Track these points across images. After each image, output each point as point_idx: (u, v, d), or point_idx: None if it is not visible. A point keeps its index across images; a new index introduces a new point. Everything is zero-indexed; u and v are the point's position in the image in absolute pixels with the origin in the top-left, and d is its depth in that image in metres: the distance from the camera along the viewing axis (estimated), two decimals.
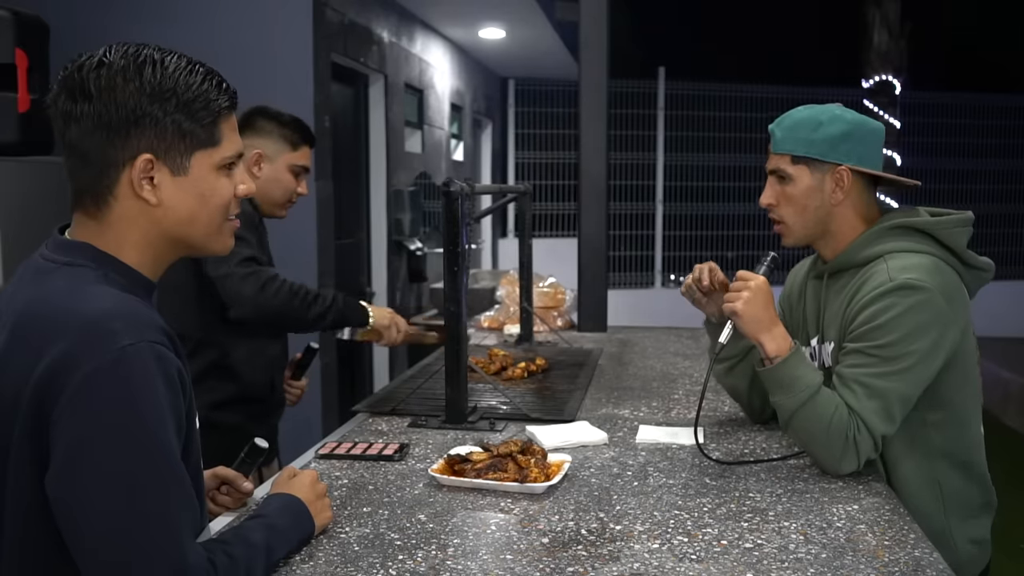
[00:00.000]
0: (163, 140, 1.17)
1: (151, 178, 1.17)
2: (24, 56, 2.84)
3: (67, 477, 1.07)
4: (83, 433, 1.06)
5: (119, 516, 1.06)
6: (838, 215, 1.82)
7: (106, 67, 1.14)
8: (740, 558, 1.36)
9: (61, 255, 1.19)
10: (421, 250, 5.71)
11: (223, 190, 1.23)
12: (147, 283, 1.23)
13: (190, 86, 1.17)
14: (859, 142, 1.80)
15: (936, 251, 1.75)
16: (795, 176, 1.81)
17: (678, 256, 9.69)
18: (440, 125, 6.72)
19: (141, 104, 1.15)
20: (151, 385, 1.09)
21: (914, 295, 1.66)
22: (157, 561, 1.07)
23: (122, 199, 1.18)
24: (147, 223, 1.19)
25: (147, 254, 1.21)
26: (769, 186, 1.86)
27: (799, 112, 1.84)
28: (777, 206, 1.85)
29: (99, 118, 1.14)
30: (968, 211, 1.82)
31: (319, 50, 4.01)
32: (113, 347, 1.07)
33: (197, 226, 1.22)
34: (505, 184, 8.42)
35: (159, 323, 1.15)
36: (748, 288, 1.74)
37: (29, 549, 1.13)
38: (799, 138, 1.80)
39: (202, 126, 1.19)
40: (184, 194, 1.20)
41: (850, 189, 1.80)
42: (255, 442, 1.59)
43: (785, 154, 1.81)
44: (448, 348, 2.06)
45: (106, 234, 1.19)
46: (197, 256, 1.32)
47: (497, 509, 1.56)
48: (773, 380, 1.72)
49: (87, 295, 1.13)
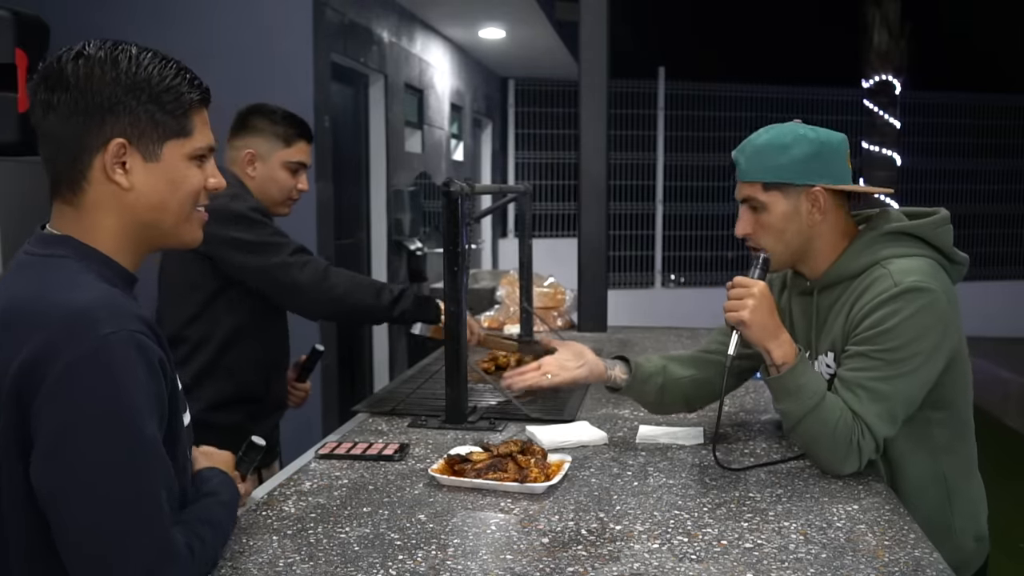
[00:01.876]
0: (136, 127, 1.21)
1: (124, 163, 1.21)
2: (24, 56, 2.84)
3: (50, 466, 1.08)
4: (65, 421, 1.08)
5: (103, 503, 1.08)
6: (817, 235, 1.77)
7: (84, 58, 1.19)
8: (740, 558, 1.36)
9: (42, 248, 1.22)
10: (421, 250, 5.71)
11: (193, 179, 1.27)
12: (127, 275, 1.26)
13: (163, 79, 1.22)
14: (827, 160, 1.75)
15: (928, 253, 1.75)
16: (769, 203, 1.75)
17: (678, 256, 9.69)
18: (440, 125, 6.72)
19: (116, 93, 1.19)
20: (132, 373, 1.11)
21: (921, 297, 1.65)
22: (144, 547, 1.09)
23: (95, 184, 1.21)
24: (120, 208, 1.23)
25: (123, 242, 1.24)
26: (743, 215, 1.80)
27: (760, 137, 1.78)
28: (754, 235, 1.79)
29: (75, 105, 1.18)
30: (943, 209, 1.79)
31: (319, 50, 4.01)
32: (94, 336, 1.09)
33: (167, 213, 1.26)
34: (505, 184, 8.42)
35: (139, 313, 1.18)
36: (752, 295, 1.70)
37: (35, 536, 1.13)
38: (767, 165, 1.75)
39: (173, 117, 1.23)
40: (155, 180, 1.23)
41: (827, 208, 1.76)
42: (252, 440, 1.59)
43: (755, 182, 1.76)
44: (448, 348, 2.06)
45: (83, 221, 1.22)
46: (170, 248, 1.35)
47: (497, 509, 1.56)
48: (780, 388, 1.71)
49: (68, 286, 1.16)
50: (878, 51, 9.33)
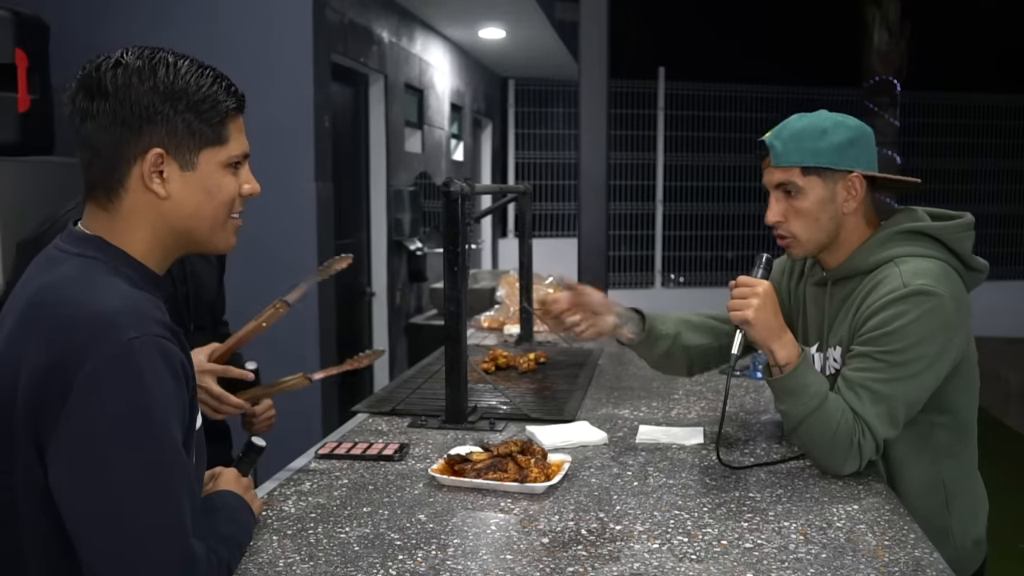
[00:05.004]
0: (173, 137, 1.22)
1: (161, 172, 1.22)
2: (24, 56, 2.85)
3: (73, 469, 1.09)
4: (90, 425, 1.08)
5: (128, 509, 1.08)
6: (847, 223, 1.77)
7: (122, 67, 1.20)
8: (740, 558, 1.36)
9: (73, 246, 1.23)
10: (421, 250, 5.71)
11: (229, 187, 1.28)
12: (155, 277, 1.27)
13: (200, 87, 1.23)
14: (864, 147, 1.75)
15: (944, 256, 1.73)
16: (806, 188, 1.73)
17: (678, 256, 9.69)
18: (440, 125, 6.72)
19: (154, 103, 1.20)
20: (157, 378, 1.12)
21: (927, 301, 1.64)
22: (166, 553, 1.09)
23: (132, 192, 1.22)
24: (155, 216, 1.24)
25: (154, 247, 1.25)
26: (776, 201, 1.78)
27: (797, 121, 1.77)
28: (786, 222, 1.77)
29: (114, 115, 1.19)
30: (968, 213, 1.79)
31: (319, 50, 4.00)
32: (118, 340, 1.10)
33: (202, 220, 1.26)
34: (505, 184, 8.42)
35: (162, 318, 1.19)
36: (756, 295, 1.70)
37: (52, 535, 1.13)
38: (805, 148, 1.73)
39: (210, 125, 1.24)
40: (191, 189, 1.24)
41: (860, 196, 1.76)
42: (252, 441, 1.59)
43: (792, 167, 1.74)
44: (448, 348, 2.06)
45: (117, 225, 1.23)
46: (203, 252, 1.35)
47: (497, 509, 1.56)
48: (782, 388, 1.70)
49: (96, 287, 1.17)
50: (878, 51, 9.33)
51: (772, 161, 1.77)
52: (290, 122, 3.71)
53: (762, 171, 1.82)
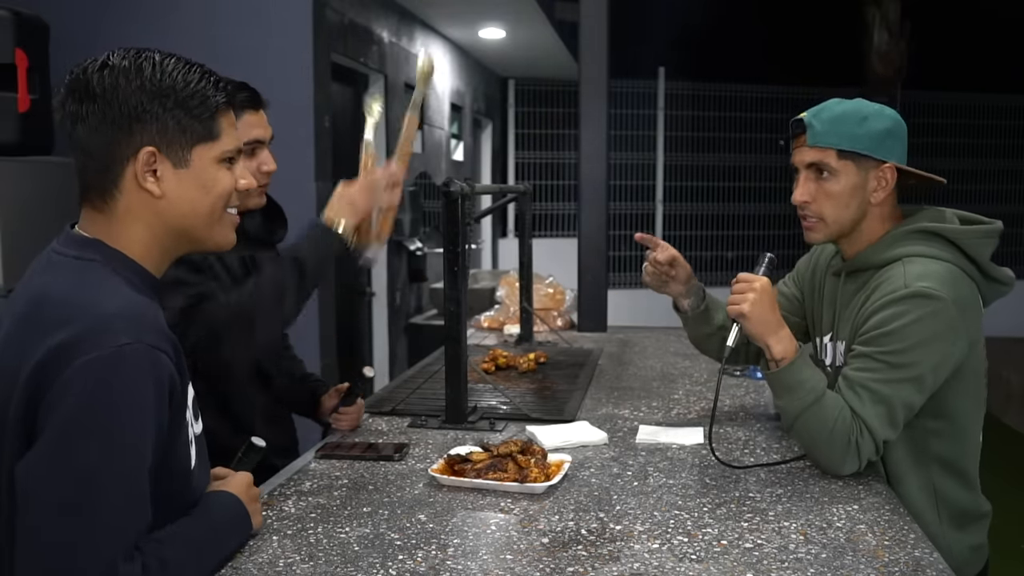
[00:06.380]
0: (164, 135, 1.21)
1: (154, 171, 1.22)
2: (24, 56, 2.84)
3: (32, 460, 1.08)
4: (59, 421, 1.08)
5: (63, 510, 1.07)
6: (872, 213, 1.76)
7: (109, 68, 1.20)
8: (740, 558, 1.36)
9: (72, 249, 1.23)
10: (421, 250, 5.71)
11: (224, 181, 1.28)
12: (152, 280, 1.27)
13: (188, 84, 1.23)
14: (899, 139, 1.75)
15: (956, 260, 1.71)
16: (840, 171, 1.72)
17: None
18: (440, 125, 6.72)
19: (142, 102, 1.20)
20: (138, 387, 1.11)
21: (927, 304, 1.63)
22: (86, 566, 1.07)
23: (127, 192, 1.22)
24: (151, 215, 1.24)
25: (152, 247, 1.25)
26: (805, 181, 1.76)
27: (839, 105, 1.75)
28: (813, 203, 1.76)
29: (104, 116, 1.19)
30: (998, 221, 1.76)
31: (319, 50, 4.00)
32: (110, 345, 1.10)
33: (199, 218, 1.26)
34: (505, 184, 8.41)
35: (159, 324, 1.18)
36: (753, 290, 1.71)
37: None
38: (843, 132, 1.72)
39: (200, 121, 1.24)
40: (186, 186, 1.24)
41: (890, 187, 1.75)
42: (252, 441, 1.59)
43: (829, 148, 1.72)
44: (448, 348, 2.06)
45: (113, 227, 1.23)
46: (202, 251, 1.34)
47: (497, 509, 1.56)
48: (779, 383, 1.71)
49: (95, 290, 1.17)
50: (878, 51, 9.33)
51: (808, 140, 1.75)
52: (290, 122, 3.70)
53: (791, 150, 1.80)
